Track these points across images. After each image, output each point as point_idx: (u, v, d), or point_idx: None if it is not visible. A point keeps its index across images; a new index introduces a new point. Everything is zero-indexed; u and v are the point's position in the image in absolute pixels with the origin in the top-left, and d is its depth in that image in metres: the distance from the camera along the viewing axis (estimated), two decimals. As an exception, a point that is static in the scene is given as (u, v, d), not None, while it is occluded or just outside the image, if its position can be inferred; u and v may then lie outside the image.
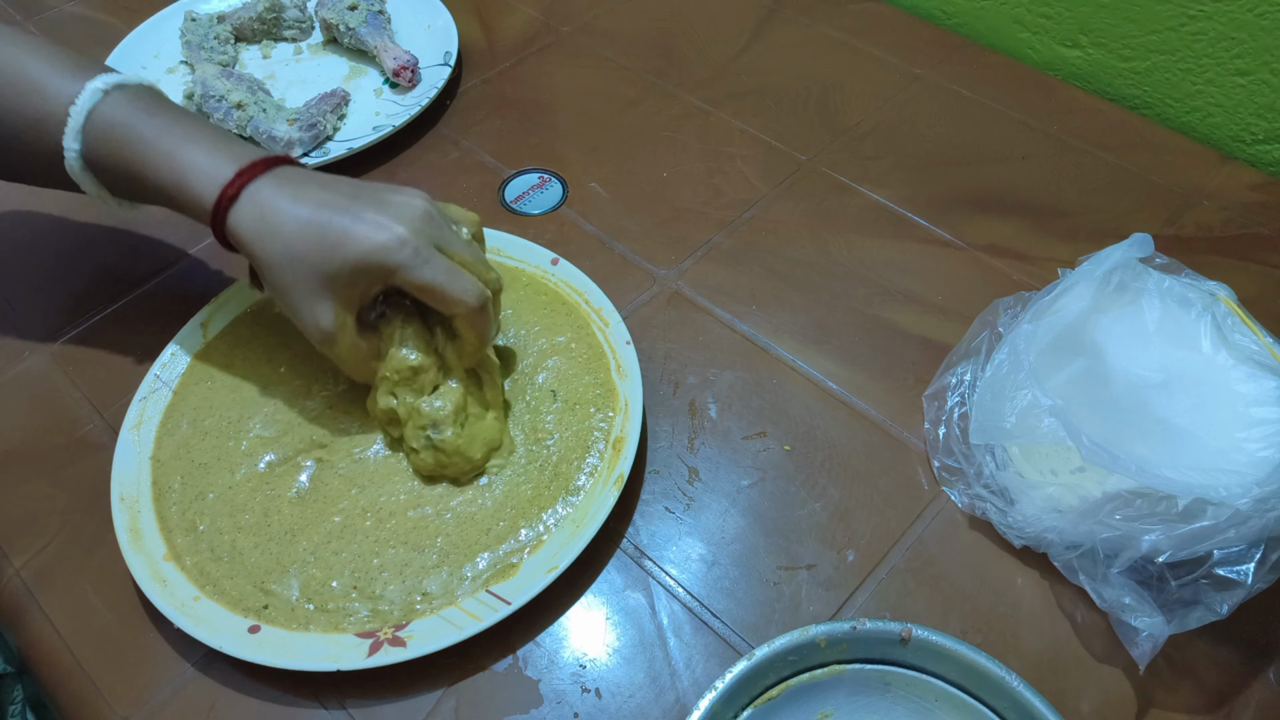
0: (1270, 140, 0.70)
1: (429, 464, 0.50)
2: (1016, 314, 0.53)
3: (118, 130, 0.48)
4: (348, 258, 0.45)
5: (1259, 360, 0.48)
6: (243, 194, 0.47)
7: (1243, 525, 0.41)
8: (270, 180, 0.47)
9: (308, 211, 0.46)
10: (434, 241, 0.47)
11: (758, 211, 0.67)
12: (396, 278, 0.46)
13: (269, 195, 0.47)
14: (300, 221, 0.46)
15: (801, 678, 0.42)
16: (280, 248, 0.46)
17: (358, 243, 0.45)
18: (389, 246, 0.45)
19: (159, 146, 0.48)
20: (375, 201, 0.47)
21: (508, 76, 0.79)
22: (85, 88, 0.48)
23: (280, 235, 0.46)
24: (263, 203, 0.46)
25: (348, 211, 0.46)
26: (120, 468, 0.51)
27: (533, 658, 0.47)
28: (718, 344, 0.59)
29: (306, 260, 0.46)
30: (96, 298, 0.63)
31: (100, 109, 0.48)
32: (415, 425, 0.50)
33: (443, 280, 0.46)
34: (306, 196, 0.47)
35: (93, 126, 0.48)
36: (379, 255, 0.45)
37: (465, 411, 0.50)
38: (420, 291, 0.46)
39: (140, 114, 0.49)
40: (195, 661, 0.47)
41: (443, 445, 0.49)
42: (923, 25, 0.82)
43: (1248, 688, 0.45)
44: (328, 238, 0.45)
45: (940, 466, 0.52)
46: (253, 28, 0.81)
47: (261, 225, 0.46)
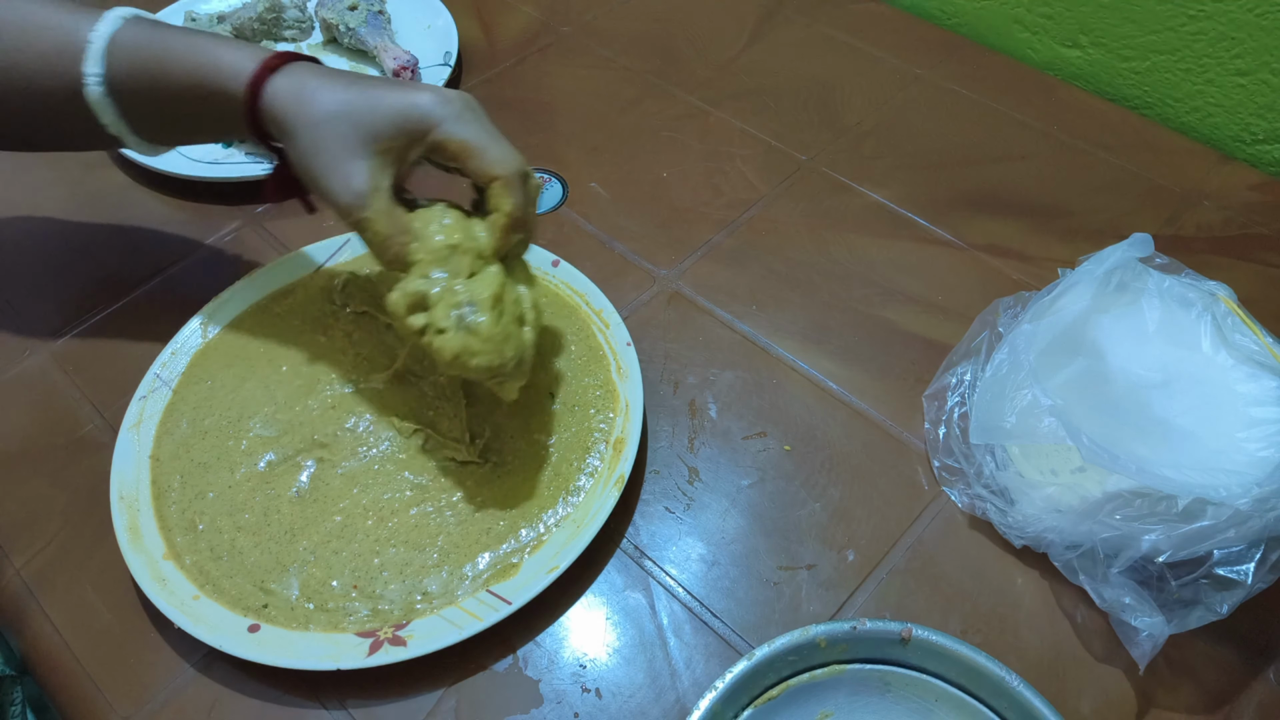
0: (1270, 140, 0.70)
1: (454, 346, 0.45)
2: (1016, 314, 0.53)
3: (142, 45, 0.48)
4: (391, 107, 0.45)
5: (1259, 360, 0.48)
6: (281, 68, 0.47)
7: (1243, 525, 0.41)
8: (306, 64, 0.48)
9: (352, 83, 0.46)
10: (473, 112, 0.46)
11: (758, 211, 0.67)
12: (438, 131, 0.45)
13: (309, 74, 0.47)
14: (341, 87, 0.46)
15: (801, 678, 0.42)
16: (318, 108, 0.46)
17: (404, 98, 0.45)
18: (435, 100, 0.45)
19: (187, 44, 0.48)
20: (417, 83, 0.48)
21: (508, 76, 0.79)
22: (105, 16, 0.49)
23: (320, 96, 0.46)
24: (304, 78, 0.47)
25: (392, 83, 0.47)
26: (120, 467, 0.51)
27: (533, 658, 0.47)
28: (718, 344, 0.59)
29: (346, 116, 0.45)
30: (96, 298, 0.63)
31: (122, 32, 0.48)
32: (448, 304, 0.45)
33: (484, 139, 0.46)
34: (345, 76, 0.47)
35: (116, 48, 0.48)
36: (424, 105, 0.45)
37: (502, 303, 0.47)
38: (460, 149, 0.46)
39: (165, 31, 0.49)
40: (195, 661, 0.47)
41: (476, 329, 0.45)
42: (923, 25, 0.82)
43: (1248, 688, 0.45)
44: (371, 95, 0.46)
45: (940, 466, 0.52)
46: (253, 28, 0.81)
47: (302, 91, 0.46)
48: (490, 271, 0.47)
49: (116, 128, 0.50)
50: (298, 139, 0.46)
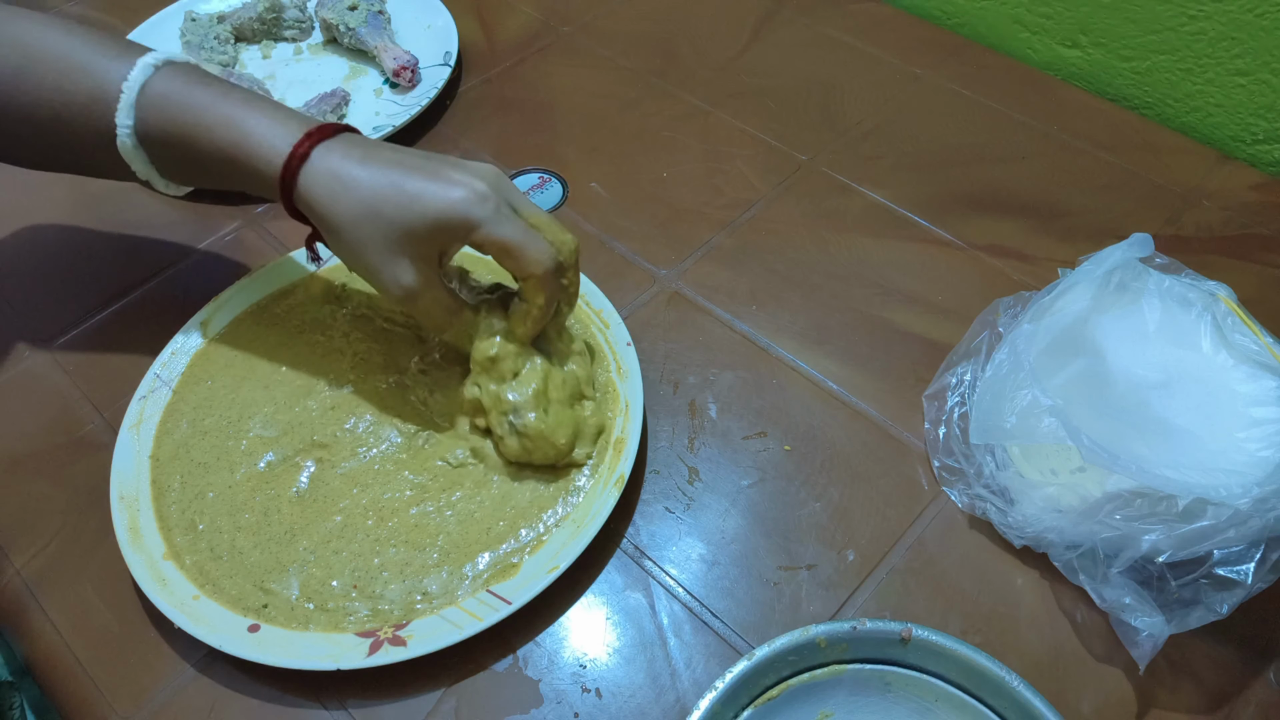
0: (1270, 140, 0.70)
1: (515, 450, 0.50)
2: (1016, 314, 0.53)
3: (173, 101, 0.48)
4: (428, 211, 0.45)
5: (1259, 360, 0.48)
6: (313, 154, 0.46)
7: (1243, 525, 0.41)
8: (340, 143, 0.47)
9: (382, 170, 0.46)
10: (510, 202, 0.46)
11: (758, 211, 0.67)
12: (477, 234, 0.45)
13: (340, 157, 0.46)
14: (376, 179, 0.45)
15: (801, 678, 0.42)
16: (356, 205, 0.45)
17: (439, 197, 0.45)
18: (470, 200, 0.45)
19: (218, 112, 0.48)
20: (449, 163, 0.47)
21: (508, 76, 0.79)
22: (136, 64, 0.48)
23: (356, 193, 0.45)
24: (334, 163, 0.46)
25: (423, 170, 0.46)
26: (120, 467, 0.51)
27: (533, 658, 0.47)
28: (718, 344, 0.59)
29: (384, 215, 0.45)
30: (96, 298, 0.63)
31: (153, 83, 0.48)
32: (499, 412, 0.50)
33: (521, 239, 0.46)
34: (378, 158, 0.46)
35: (146, 100, 0.48)
36: (462, 208, 0.45)
37: (547, 396, 0.50)
38: (498, 249, 0.46)
39: (195, 85, 0.48)
40: (195, 661, 0.47)
41: (525, 430, 0.49)
42: (923, 25, 0.82)
43: (1248, 688, 0.45)
44: (407, 192, 0.45)
45: (940, 466, 0.52)
46: (253, 28, 0.81)
47: (335, 184, 0.46)
48: (532, 367, 0.50)
49: (146, 174, 0.51)
50: (336, 234, 0.47)
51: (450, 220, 0.45)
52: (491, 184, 0.46)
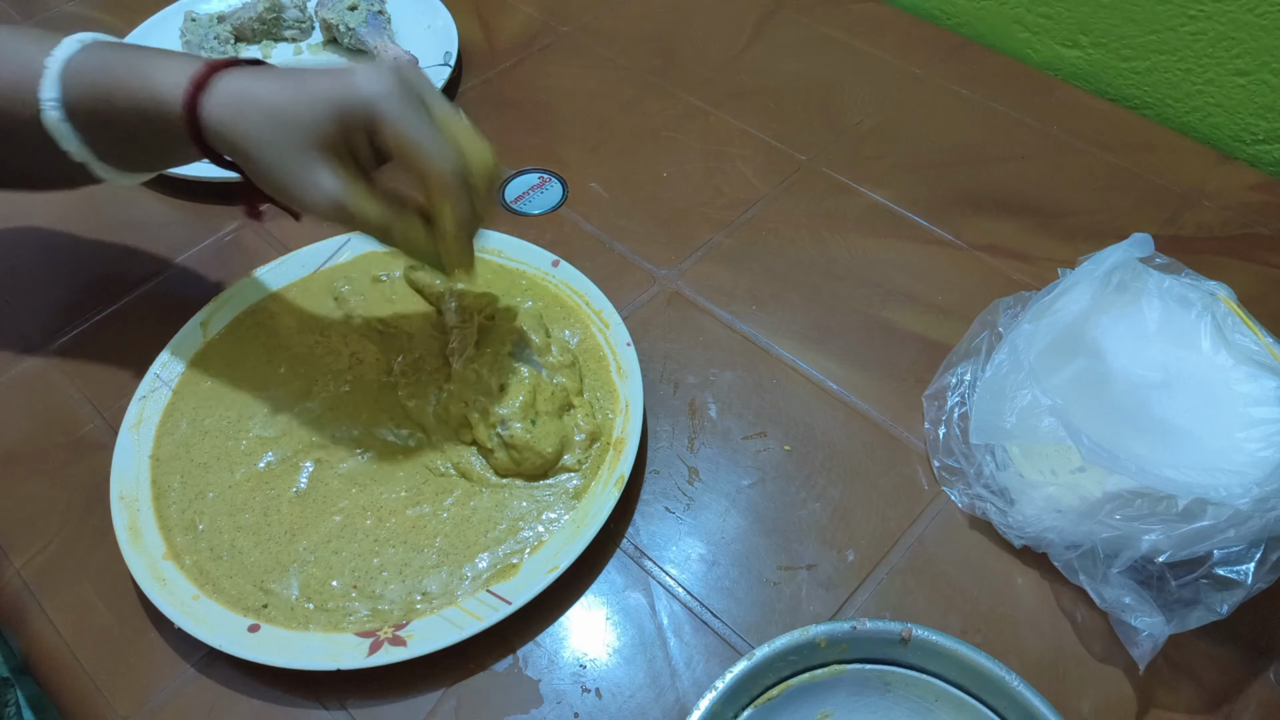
0: (1270, 140, 0.70)
1: (504, 462, 0.51)
2: (1016, 314, 0.53)
3: (92, 67, 0.47)
4: (330, 103, 0.43)
5: (1259, 360, 0.48)
6: (212, 81, 0.45)
7: (1243, 525, 0.41)
8: (240, 70, 0.46)
9: (283, 79, 0.44)
10: (422, 96, 0.44)
11: (758, 211, 0.67)
12: (380, 126, 0.43)
13: (241, 80, 0.45)
14: (277, 88, 0.44)
15: (801, 678, 0.42)
16: (259, 116, 0.44)
17: (340, 85, 0.43)
18: (372, 84, 0.43)
19: (128, 66, 0.47)
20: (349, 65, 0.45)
21: (508, 76, 0.79)
22: (63, 41, 0.48)
23: (258, 105, 0.44)
24: (236, 87, 0.45)
25: (327, 71, 0.45)
26: (120, 467, 0.51)
27: (533, 658, 0.47)
28: (718, 344, 0.59)
29: (288, 118, 0.43)
30: (96, 298, 0.63)
31: (78, 56, 0.47)
32: (487, 425, 0.51)
33: (421, 135, 0.43)
34: (279, 75, 0.45)
35: (71, 74, 0.47)
36: (364, 92, 0.43)
37: (535, 409, 0.51)
38: (398, 145, 0.44)
39: (116, 52, 0.48)
40: (195, 661, 0.47)
41: (512, 441, 0.50)
42: (923, 25, 0.82)
43: (1248, 688, 0.45)
44: (308, 89, 0.44)
45: (940, 466, 0.52)
46: (253, 28, 0.81)
47: (238, 101, 0.44)
48: (519, 380, 0.51)
49: (81, 155, 0.49)
50: (248, 156, 0.45)
51: (352, 106, 0.43)
52: (397, 74, 0.44)
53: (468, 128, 0.46)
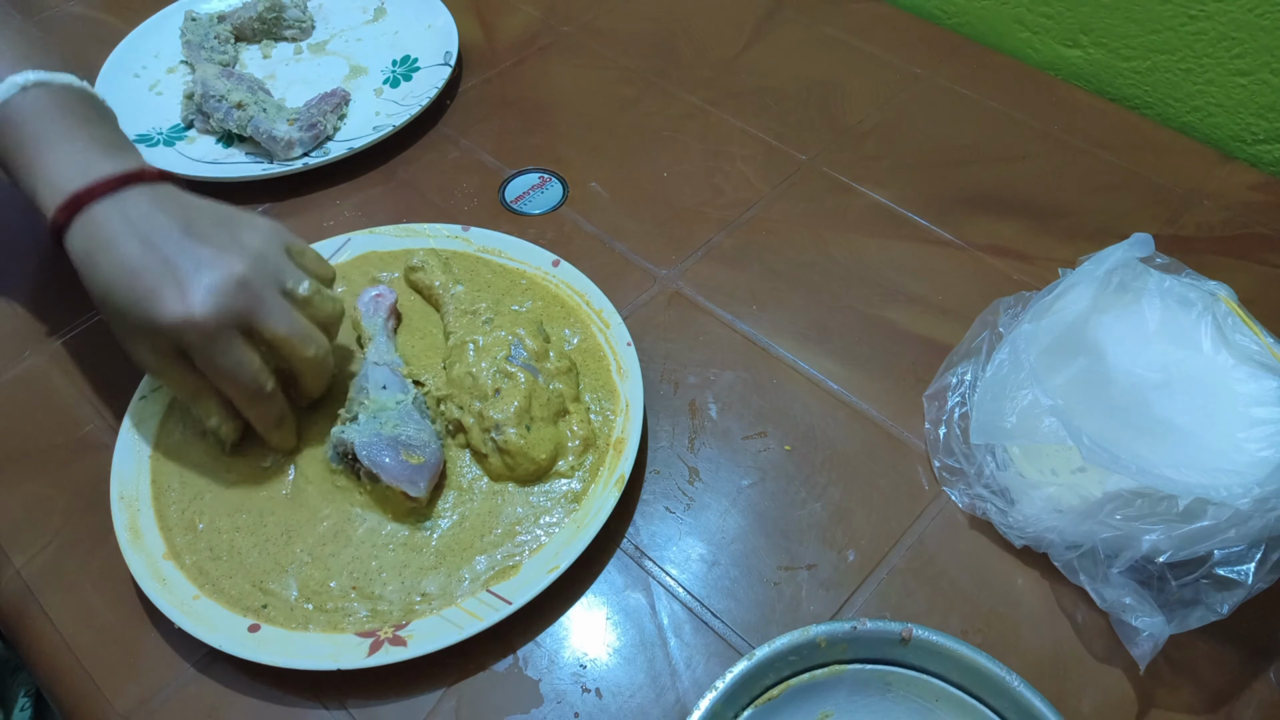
0: (1270, 140, 0.70)
1: (498, 467, 0.51)
2: (1017, 314, 0.53)
3: (11, 128, 0.48)
4: (147, 317, 0.45)
5: (1259, 360, 0.48)
6: (75, 219, 0.46)
7: (1243, 525, 0.41)
8: (108, 206, 0.46)
9: (126, 254, 0.45)
10: (241, 317, 0.46)
11: (758, 211, 0.67)
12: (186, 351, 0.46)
13: (100, 225, 0.46)
14: (116, 264, 0.45)
15: (802, 678, 0.42)
16: (99, 285, 0.46)
17: (157, 309, 0.44)
18: (181, 326, 0.44)
19: (28, 151, 0.47)
20: (195, 259, 0.45)
21: (508, 76, 0.79)
22: (6, 80, 0.48)
23: (99, 273, 0.46)
24: (92, 233, 0.46)
25: (163, 265, 0.45)
26: (120, 467, 0.51)
27: (533, 658, 0.47)
28: (718, 344, 0.59)
29: (117, 306, 0.46)
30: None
31: (13, 103, 0.48)
32: (481, 429, 0.51)
33: (225, 372, 0.46)
34: (134, 233, 0.45)
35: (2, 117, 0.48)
36: (173, 329, 0.45)
37: (530, 414, 0.51)
38: (205, 372, 0.47)
39: (41, 114, 0.48)
40: (195, 661, 0.47)
41: (506, 446, 0.50)
42: (923, 25, 0.82)
43: (1248, 687, 0.45)
44: (135, 291, 0.45)
45: (941, 466, 0.52)
46: (253, 27, 0.81)
47: (87, 258, 0.46)
48: (514, 385, 0.51)
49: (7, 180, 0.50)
50: (92, 298, 0.47)
51: (163, 332, 0.45)
52: (212, 306, 0.44)
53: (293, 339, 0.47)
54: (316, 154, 0.69)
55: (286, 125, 0.69)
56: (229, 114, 0.70)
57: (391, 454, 0.49)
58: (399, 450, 0.49)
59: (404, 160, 0.71)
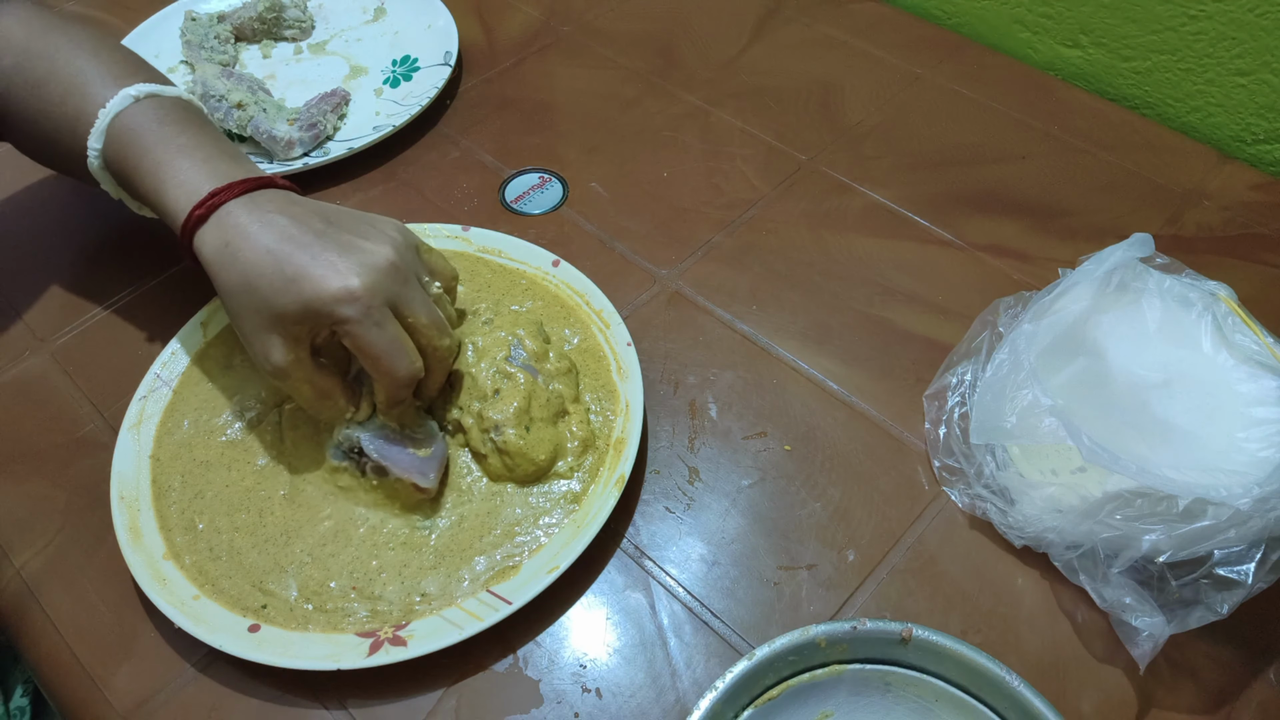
0: (1271, 140, 0.70)
1: (497, 467, 0.51)
2: (1017, 314, 0.53)
3: (130, 136, 0.49)
4: (299, 298, 0.44)
5: (1260, 360, 0.48)
6: (212, 215, 0.46)
7: (1243, 525, 0.41)
8: (244, 204, 0.47)
9: (271, 241, 0.45)
10: (391, 299, 0.45)
11: (758, 211, 0.67)
12: (340, 330, 0.45)
13: (238, 219, 0.46)
14: (261, 251, 0.45)
15: (802, 678, 0.42)
16: (237, 275, 0.45)
17: (311, 285, 0.44)
18: (339, 298, 0.44)
19: (153, 155, 0.48)
20: (341, 244, 0.45)
21: (508, 76, 0.79)
22: (119, 93, 0.50)
23: (239, 262, 0.45)
24: (229, 226, 0.46)
25: (310, 249, 0.45)
26: (120, 467, 0.51)
27: (533, 658, 0.47)
28: (718, 344, 0.59)
29: (259, 292, 0.45)
30: (96, 297, 0.63)
31: (126, 114, 0.49)
32: (480, 429, 0.51)
33: (381, 349, 0.45)
34: (274, 225, 0.46)
35: (114, 130, 0.49)
36: (329, 304, 0.44)
37: (529, 415, 0.50)
38: (357, 350, 0.46)
39: (156, 123, 0.50)
40: (195, 661, 0.47)
41: (505, 447, 0.50)
42: (923, 25, 0.82)
43: (1248, 688, 0.45)
44: (284, 272, 0.44)
45: (940, 466, 0.52)
46: (253, 27, 0.81)
47: (225, 249, 0.46)
48: (514, 385, 0.51)
49: (116, 194, 0.53)
50: (222, 298, 0.47)
51: (318, 312, 0.44)
52: (371, 278, 0.44)
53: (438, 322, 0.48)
54: (316, 154, 0.69)
55: (286, 125, 0.69)
56: (229, 114, 0.70)
57: (399, 447, 0.49)
58: (406, 444, 0.49)
59: (404, 160, 0.71)
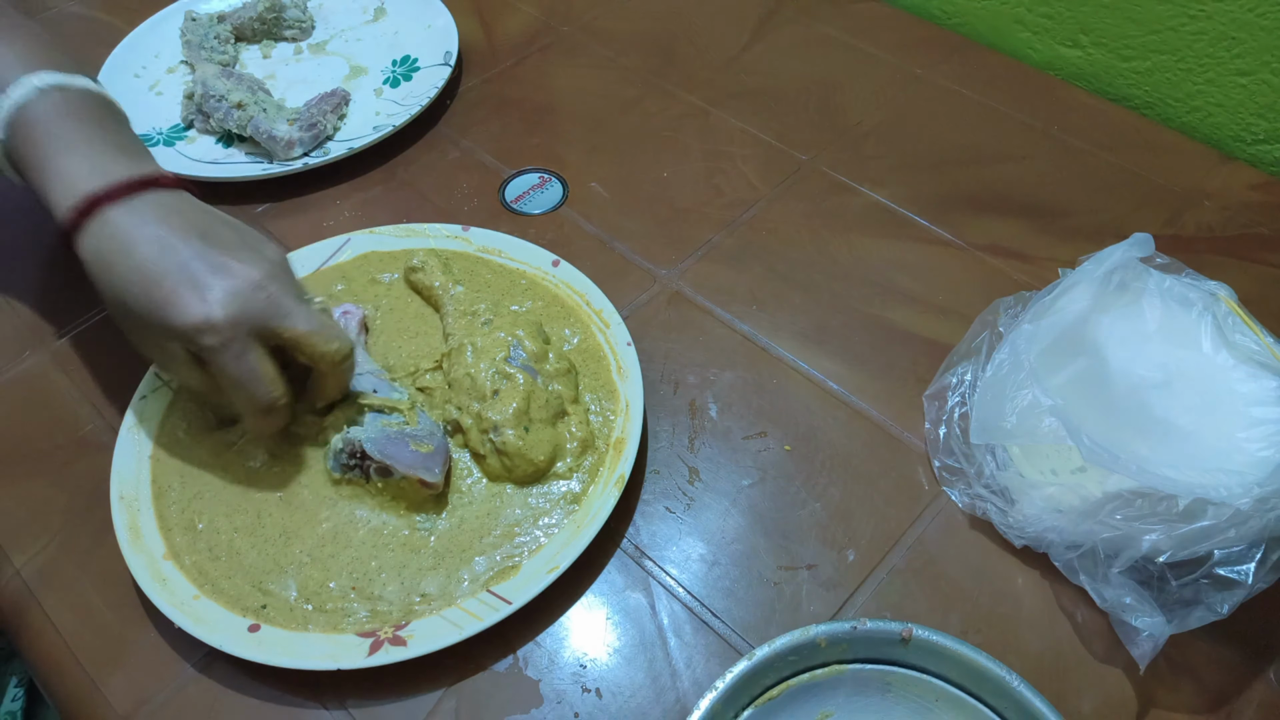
0: (1271, 140, 0.70)
1: (496, 468, 0.51)
2: (1017, 314, 0.53)
3: (28, 129, 0.48)
4: (164, 322, 0.44)
5: (1259, 360, 0.48)
6: (88, 223, 0.45)
7: (1243, 525, 0.41)
8: (122, 211, 0.46)
9: (142, 258, 0.44)
10: (258, 325, 0.45)
11: (758, 211, 0.67)
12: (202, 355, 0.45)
13: (115, 228, 0.45)
14: (131, 268, 0.44)
15: (802, 678, 0.42)
16: (110, 290, 0.45)
17: (175, 312, 0.44)
18: (200, 328, 0.44)
19: (42, 150, 0.47)
20: (212, 265, 0.45)
21: (508, 76, 0.79)
22: (22, 81, 0.48)
23: (113, 276, 0.45)
24: (105, 236, 0.45)
25: (183, 268, 0.44)
26: (120, 467, 0.51)
27: (533, 658, 0.47)
28: (718, 344, 0.59)
29: (133, 311, 0.45)
30: (96, 298, 0.62)
31: (31, 105, 0.48)
32: (479, 430, 0.51)
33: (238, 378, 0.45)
34: (148, 238, 0.45)
35: (16, 121, 0.48)
36: (189, 333, 0.44)
37: (529, 415, 0.50)
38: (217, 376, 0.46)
39: (55, 116, 0.48)
40: (195, 661, 0.47)
41: (504, 448, 0.50)
42: (923, 25, 0.82)
43: (1248, 687, 0.45)
44: (151, 296, 0.44)
45: (941, 466, 0.52)
46: (253, 27, 0.81)
47: (100, 261, 0.45)
48: (513, 386, 0.51)
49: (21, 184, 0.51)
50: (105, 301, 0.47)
51: (179, 336, 0.44)
52: (231, 311, 0.44)
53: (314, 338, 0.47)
54: (316, 154, 0.69)
55: (286, 125, 0.69)
56: (229, 114, 0.70)
57: (402, 446, 0.49)
58: (408, 442, 0.49)
59: (404, 160, 0.71)
